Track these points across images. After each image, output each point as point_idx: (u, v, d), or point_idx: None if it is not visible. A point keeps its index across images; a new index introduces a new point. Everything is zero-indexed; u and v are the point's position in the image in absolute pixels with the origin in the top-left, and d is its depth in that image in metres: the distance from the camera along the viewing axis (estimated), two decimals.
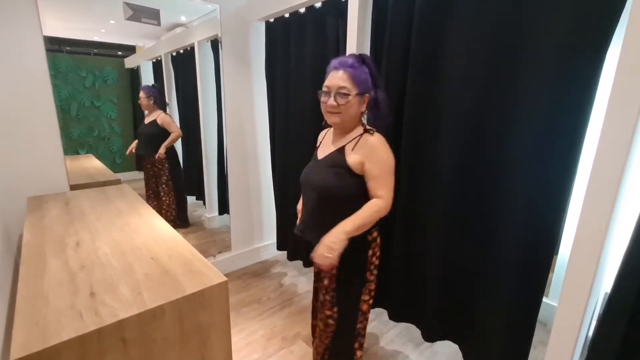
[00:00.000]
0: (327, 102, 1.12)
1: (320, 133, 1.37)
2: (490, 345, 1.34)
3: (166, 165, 2.39)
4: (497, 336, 1.31)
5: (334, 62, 1.14)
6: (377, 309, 1.82)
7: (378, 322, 1.88)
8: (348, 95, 1.09)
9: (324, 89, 1.13)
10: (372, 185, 1.13)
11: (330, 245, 1.06)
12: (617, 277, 0.94)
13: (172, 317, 0.75)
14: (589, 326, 1.22)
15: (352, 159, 1.13)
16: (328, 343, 1.28)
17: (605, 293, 1.06)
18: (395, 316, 1.69)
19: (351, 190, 1.14)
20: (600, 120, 0.90)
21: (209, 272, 0.86)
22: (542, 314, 1.23)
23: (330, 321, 1.25)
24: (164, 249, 0.99)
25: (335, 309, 1.24)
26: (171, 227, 1.14)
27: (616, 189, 0.89)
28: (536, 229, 1.14)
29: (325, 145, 1.25)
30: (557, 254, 1.78)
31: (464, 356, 1.49)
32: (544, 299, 1.24)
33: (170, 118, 2.34)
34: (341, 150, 1.16)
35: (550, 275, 1.26)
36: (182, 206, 2.52)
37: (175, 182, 2.45)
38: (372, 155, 1.12)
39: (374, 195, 1.14)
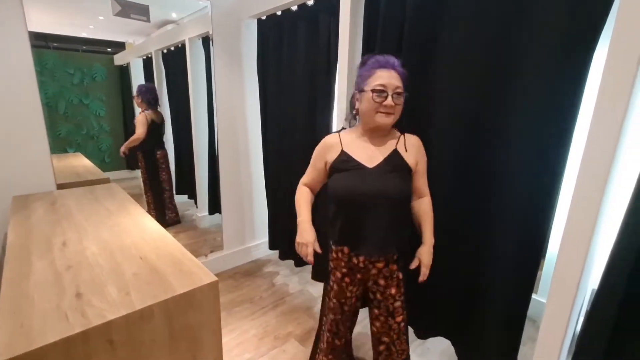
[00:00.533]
0: (384, 102, 1.04)
1: (329, 140, 1.18)
2: (482, 341, 1.36)
3: (142, 163, 2.38)
4: (489, 332, 1.33)
5: (380, 60, 1.07)
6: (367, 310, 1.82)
7: (366, 322, 1.87)
8: (402, 94, 1.08)
9: (377, 87, 1.04)
10: (422, 183, 1.19)
11: (430, 264, 1.18)
12: (604, 273, 0.96)
13: (161, 317, 0.74)
14: (577, 322, 1.24)
15: (411, 159, 1.14)
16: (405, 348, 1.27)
17: (593, 289, 1.08)
18: None
19: (411, 192, 1.18)
20: (587, 120, 0.92)
21: (199, 272, 0.85)
22: (531, 310, 1.24)
23: (403, 324, 1.24)
24: (153, 248, 0.97)
25: (404, 311, 1.24)
26: (161, 227, 1.13)
27: (603, 187, 0.91)
28: (526, 227, 1.15)
29: (364, 150, 1.12)
30: (545, 252, 1.80)
31: (456, 352, 1.50)
32: (533, 296, 1.25)
33: (140, 118, 2.30)
34: (396, 153, 1.12)
35: (539, 272, 1.28)
36: (160, 204, 2.49)
37: (151, 181, 2.42)
38: (420, 154, 1.17)
39: (422, 194, 1.20)
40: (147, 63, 2.69)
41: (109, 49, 2.45)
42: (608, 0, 0.90)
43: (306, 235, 1.15)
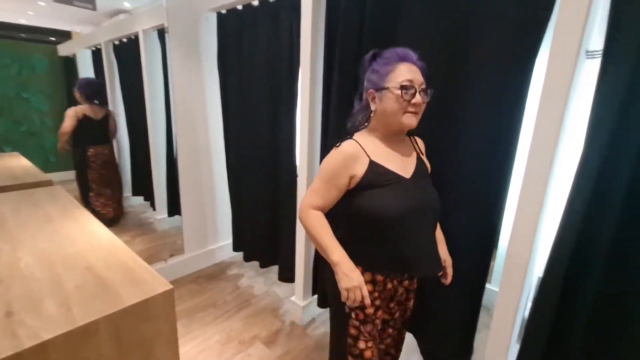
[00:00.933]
0: (413, 99, 0.89)
1: (351, 149, 0.94)
2: (442, 332, 1.42)
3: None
4: (447, 323, 1.39)
5: (400, 52, 0.93)
6: None
7: None
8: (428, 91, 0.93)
9: (404, 83, 0.89)
10: None
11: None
12: (547, 262, 1.04)
13: (109, 332, 0.68)
14: (525, 308, 1.33)
15: (427, 163, 1.07)
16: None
17: (538, 277, 1.17)
18: None
19: None
20: (531, 125, 0.99)
21: (152, 280, 0.80)
22: (485, 299, 1.32)
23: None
24: (101, 257, 0.90)
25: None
26: (111, 233, 1.05)
27: (545, 184, 0.98)
28: (479, 222, 1.22)
29: (393, 158, 0.97)
30: (497, 244, 1.92)
31: (418, 344, 1.56)
32: (487, 285, 1.33)
33: (69, 111, 2.20)
34: (420, 158, 1.04)
35: (492, 263, 1.37)
36: (85, 203, 2.38)
37: (79, 180, 2.34)
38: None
39: None
40: (97, 55, 2.50)
41: (52, 38, 2.26)
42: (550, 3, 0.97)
43: (355, 276, 0.90)
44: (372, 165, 0.93)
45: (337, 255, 0.92)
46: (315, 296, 1.86)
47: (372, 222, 0.93)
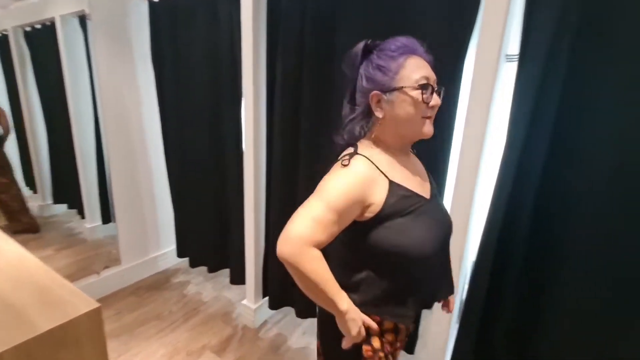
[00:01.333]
0: (432, 101, 0.72)
1: (366, 170, 0.71)
2: None
3: None
4: None
5: (407, 43, 0.73)
6: (285, 308, 1.81)
7: (284, 322, 1.88)
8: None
9: (421, 81, 0.70)
10: None
11: None
12: (479, 248, 1.14)
13: None
14: (463, 291, 1.44)
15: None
16: None
17: (472, 261, 1.27)
18: (301, 313, 1.71)
19: None
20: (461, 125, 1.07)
21: (73, 300, 0.71)
22: None
23: None
24: (8, 277, 0.77)
25: None
26: (21, 247, 0.91)
27: (474, 181, 1.08)
28: None
29: (409, 175, 0.78)
30: None
31: None
32: None
33: None
34: (428, 171, 0.88)
35: None
36: None
37: None
38: None
39: None
40: (4, 42, 2.18)
41: None
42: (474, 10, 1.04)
43: (358, 317, 0.74)
44: (394, 187, 0.73)
45: (346, 303, 0.72)
46: (267, 298, 1.82)
47: (400, 262, 0.74)
